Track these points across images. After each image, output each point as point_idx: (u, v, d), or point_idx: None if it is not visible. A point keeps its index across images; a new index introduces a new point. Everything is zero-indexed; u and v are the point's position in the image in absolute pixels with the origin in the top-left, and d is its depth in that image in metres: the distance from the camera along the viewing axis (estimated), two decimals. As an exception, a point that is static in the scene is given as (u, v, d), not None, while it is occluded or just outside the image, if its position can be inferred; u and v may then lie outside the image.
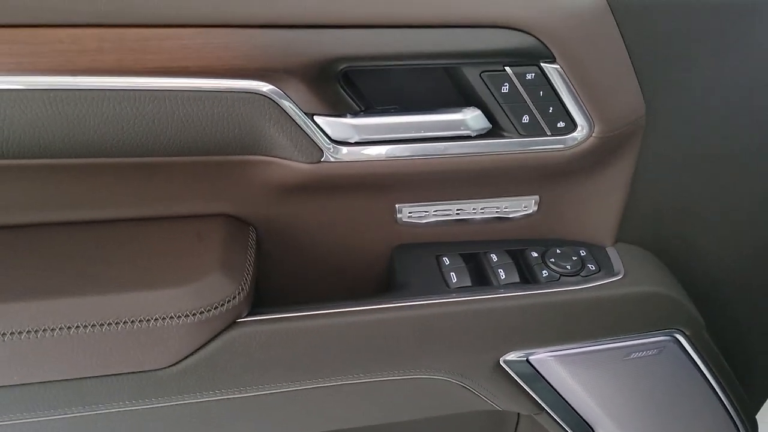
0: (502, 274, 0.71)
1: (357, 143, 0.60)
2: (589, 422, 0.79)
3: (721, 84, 0.66)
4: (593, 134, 0.64)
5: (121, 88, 0.53)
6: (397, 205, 0.70)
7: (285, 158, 0.60)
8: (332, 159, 0.60)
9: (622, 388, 0.77)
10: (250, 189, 0.64)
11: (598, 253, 0.76)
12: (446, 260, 0.72)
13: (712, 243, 0.81)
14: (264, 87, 0.55)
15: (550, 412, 0.77)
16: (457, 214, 0.72)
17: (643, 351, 0.74)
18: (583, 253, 0.75)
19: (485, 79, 0.60)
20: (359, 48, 0.55)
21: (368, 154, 0.61)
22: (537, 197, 0.72)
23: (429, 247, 0.74)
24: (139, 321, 0.56)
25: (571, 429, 0.79)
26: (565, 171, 0.68)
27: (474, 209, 0.72)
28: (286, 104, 0.56)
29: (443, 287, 0.69)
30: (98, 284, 0.57)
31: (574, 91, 0.61)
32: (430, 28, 0.56)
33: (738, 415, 0.86)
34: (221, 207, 0.66)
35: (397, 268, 0.72)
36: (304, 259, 0.72)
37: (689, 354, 0.77)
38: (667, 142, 0.69)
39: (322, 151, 0.59)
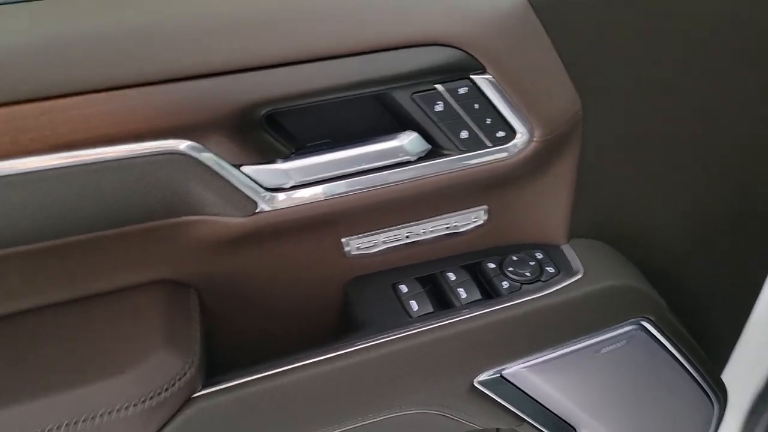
0: (462, 293, 0.68)
1: (293, 187, 0.56)
2: (571, 424, 0.78)
3: (650, 72, 0.65)
4: (534, 138, 0.62)
5: (20, 172, 0.47)
6: (343, 240, 0.66)
7: (218, 215, 0.55)
8: (268, 208, 0.56)
9: (597, 384, 0.76)
10: (184, 251, 0.59)
11: (554, 254, 0.74)
12: (403, 288, 0.69)
13: (661, 223, 0.81)
14: (181, 144, 0.50)
15: (531, 421, 0.75)
16: (407, 237, 0.69)
17: (612, 344, 0.73)
18: (539, 255, 0.73)
19: (417, 101, 0.57)
20: (280, 89, 0.51)
21: (306, 197, 0.57)
22: (486, 207, 0.70)
23: (383, 276, 0.70)
24: (84, 420, 0.51)
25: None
26: (511, 178, 0.66)
27: (424, 230, 0.69)
28: (210, 159, 0.52)
29: (405, 318, 0.66)
30: (32, 386, 0.52)
31: (509, 98, 0.59)
32: (351, 57, 0.53)
33: (708, 384, 0.86)
34: (157, 273, 0.61)
35: (353, 305, 0.68)
36: (253, 313, 0.68)
37: (656, 338, 0.77)
38: (606, 134, 0.68)
39: (256, 202, 0.55)
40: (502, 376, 0.69)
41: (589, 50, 0.62)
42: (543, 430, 0.77)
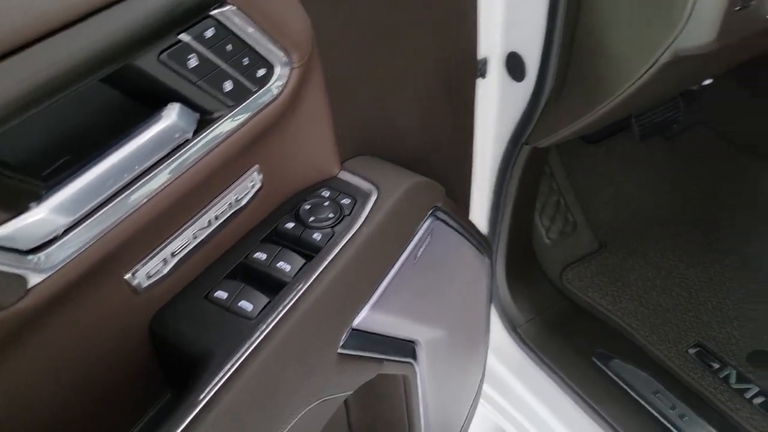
0: (285, 266, 0.58)
1: (66, 232, 0.39)
2: (411, 340, 0.76)
3: None
4: (293, 65, 0.54)
5: None
6: (126, 276, 0.50)
7: None
8: (43, 276, 0.38)
9: (421, 289, 0.75)
10: None
11: (338, 185, 0.68)
12: (220, 293, 0.56)
13: (399, 117, 0.82)
14: None
15: (387, 357, 0.70)
16: (194, 237, 0.55)
17: (423, 245, 0.72)
18: (326, 193, 0.66)
19: (166, 62, 0.43)
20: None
21: (90, 236, 0.40)
22: (257, 166, 0.60)
23: (190, 293, 0.56)
24: None
25: (402, 356, 0.75)
26: (274, 122, 0.57)
27: (209, 220, 0.56)
28: None
29: (246, 324, 0.54)
30: None
31: (257, 27, 0.49)
32: (70, 28, 0.37)
33: (478, 242, 0.92)
34: None
35: (174, 344, 0.53)
36: (56, 415, 0.48)
37: (446, 221, 0.78)
38: (338, 48, 0.65)
39: (22, 277, 0.37)
40: (353, 329, 0.63)
41: None
42: (396, 359, 0.73)
